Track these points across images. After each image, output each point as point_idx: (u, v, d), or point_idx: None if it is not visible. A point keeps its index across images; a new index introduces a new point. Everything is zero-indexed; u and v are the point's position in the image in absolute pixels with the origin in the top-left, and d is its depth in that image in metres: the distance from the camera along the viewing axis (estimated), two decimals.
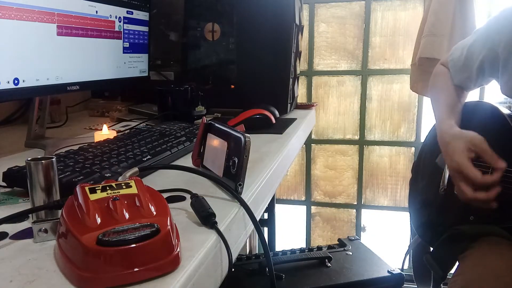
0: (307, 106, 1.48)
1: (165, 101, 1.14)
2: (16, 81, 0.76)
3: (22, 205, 0.56)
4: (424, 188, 1.19)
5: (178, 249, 0.39)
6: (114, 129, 0.99)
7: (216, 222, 0.48)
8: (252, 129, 0.94)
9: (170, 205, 0.47)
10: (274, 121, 1.08)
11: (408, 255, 1.28)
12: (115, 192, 0.43)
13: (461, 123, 1.07)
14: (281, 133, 1.03)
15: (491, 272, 0.87)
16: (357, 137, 2.14)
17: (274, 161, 0.79)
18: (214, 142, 0.65)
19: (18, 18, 0.74)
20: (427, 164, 1.19)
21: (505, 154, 0.97)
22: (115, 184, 0.45)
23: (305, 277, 1.26)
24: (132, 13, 1.11)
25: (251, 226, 0.58)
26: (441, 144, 1.03)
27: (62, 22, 0.86)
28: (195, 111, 1.12)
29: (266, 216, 1.90)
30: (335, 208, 2.25)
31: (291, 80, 1.26)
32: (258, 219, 0.57)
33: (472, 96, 1.17)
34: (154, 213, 0.41)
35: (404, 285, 1.31)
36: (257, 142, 0.92)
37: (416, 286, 1.25)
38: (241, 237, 0.55)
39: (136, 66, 1.16)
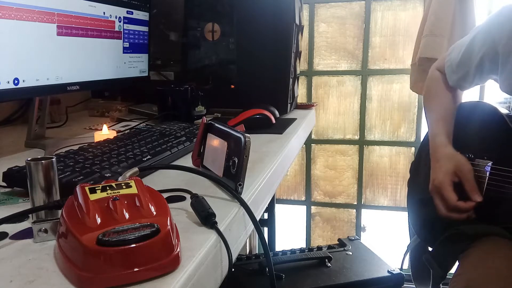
0: (307, 106, 1.48)
1: (165, 101, 1.14)
2: (16, 81, 0.76)
3: (22, 205, 0.56)
4: (423, 188, 1.19)
5: (178, 249, 0.39)
6: (114, 129, 0.99)
7: (216, 222, 0.48)
8: (252, 129, 0.94)
9: (170, 205, 0.47)
10: (274, 121, 1.08)
11: (407, 255, 1.28)
12: (115, 192, 0.43)
13: (460, 124, 1.07)
14: (281, 133, 1.03)
15: (493, 271, 0.87)
16: (357, 137, 2.14)
17: (274, 161, 0.79)
18: (214, 142, 0.65)
19: (18, 18, 0.74)
20: (426, 164, 1.19)
21: (503, 154, 0.97)
22: (115, 184, 0.45)
23: (305, 277, 1.26)
24: (132, 13, 1.11)
25: (251, 226, 0.58)
26: (431, 158, 1.06)
27: (62, 22, 0.86)
28: (195, 111, 1.12)
29: (266, 216, 1.90)
30: (335, 208, 2.25)
31: (291, 80, 1.26)
32: (258, 219, 0.57)
33: (471, 96, 1.17)
34: (154, 213, 0.41)
35: (404, 285, 1.31)
36: (257, 142, 0.92)
37: (415, 286, 1.25)
38: (241, 237, 0.55)
39: (136, 66, 1.16)
